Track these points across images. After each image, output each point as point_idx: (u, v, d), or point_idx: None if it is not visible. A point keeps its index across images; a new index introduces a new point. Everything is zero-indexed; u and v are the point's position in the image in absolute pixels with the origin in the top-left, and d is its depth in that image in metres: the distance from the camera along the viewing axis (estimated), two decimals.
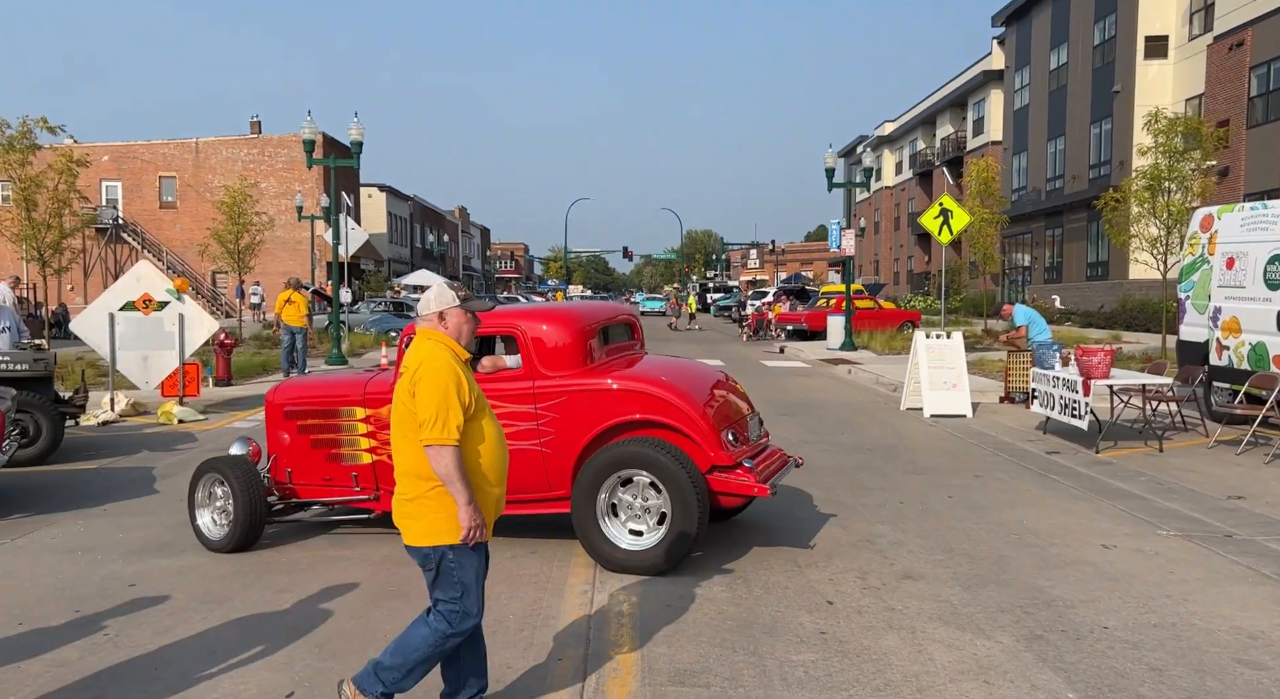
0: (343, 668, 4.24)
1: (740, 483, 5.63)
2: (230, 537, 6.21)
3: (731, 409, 6.19)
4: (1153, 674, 4.19)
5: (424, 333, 3.57)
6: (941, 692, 4.00)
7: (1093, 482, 8.29)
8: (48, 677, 4.20)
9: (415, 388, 3.41)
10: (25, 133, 15.77)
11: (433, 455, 3.36)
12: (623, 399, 5.82)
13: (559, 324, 6.07)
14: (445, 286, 3.67)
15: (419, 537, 3.47)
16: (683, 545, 5.51)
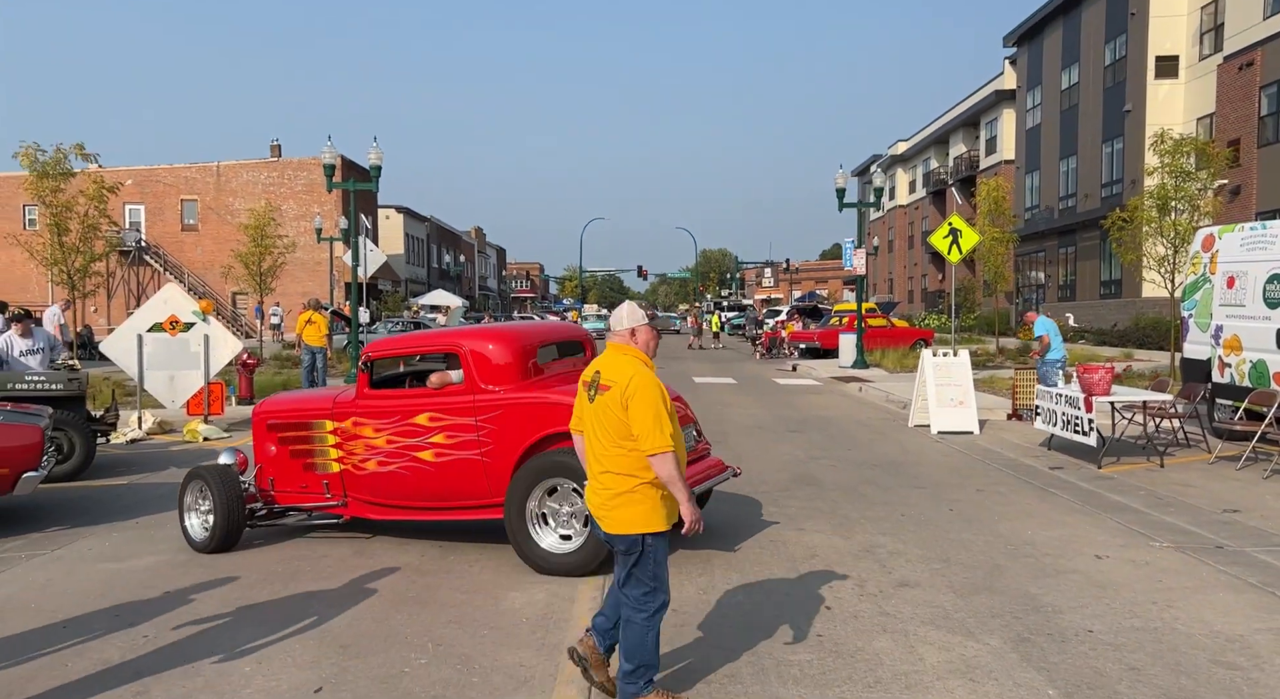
0: (366, 667, 4.53)
1: None
2: (211, 538, 6.74)
3: None
4: (1130, 673, 4.42)
5: (619, 348, 4.04)
6: (929, 689, 4.25)
7: (1092, 495, 8.49)
8: (94, 673, 4.51)
9: (628, 401, 3.84)
10: (60, 159, 16.34)
11: (657, 462, 3.80)
12: (555, 412, 6.20)
13: (498, 342, 6.55)
14: (636, 306, 4.17)
15: (623, 526, 3.89)
16: (603, 547, 5.75)
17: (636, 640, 3.92)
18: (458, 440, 6.41)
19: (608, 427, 3.91)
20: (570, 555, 5.98)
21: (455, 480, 6.50)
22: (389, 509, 6.85)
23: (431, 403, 6.58)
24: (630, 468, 3.87)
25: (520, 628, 5.06)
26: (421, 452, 6.57)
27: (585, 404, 4.10)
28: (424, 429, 6.56)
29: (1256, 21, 27.43)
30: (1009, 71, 46.52)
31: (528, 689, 4.26)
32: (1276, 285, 10.48)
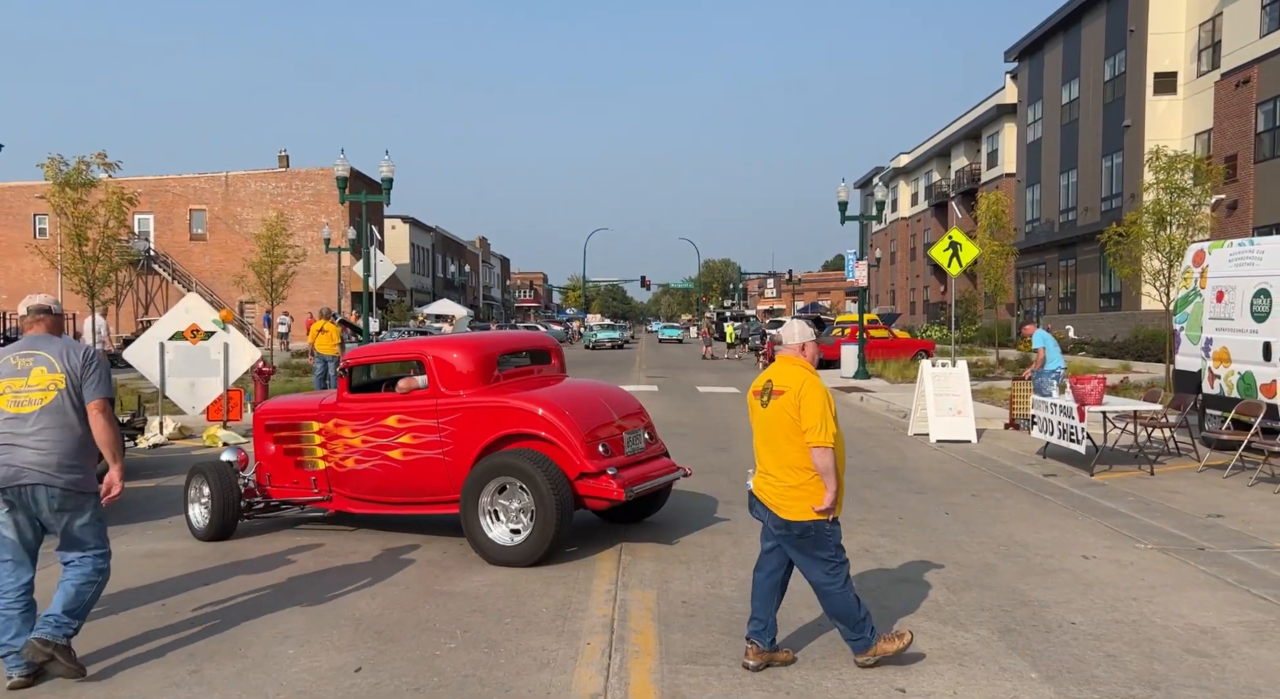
0: (401, 650, 4.90)
1: (602, 487, 6.54)
2: (209, 526, 7.36)
3: (610, 424, 7.04)
4: (1108, 659, 4.78)
5: (789, 359, 4.69)
6: (920, 671, 4.61)
7: (1083, 501, 8.84)
8: (148, 654, 4.89)
9: (800, 403, 4.46)
10: (81, 170, 16.75)
11: (817, 454, 4.43)
12: (509, 415, 6.77)
13: (459, 350, 7.14)
14: (805, 325, 4.81)
15: (801, 513, 4.50)
16: (544, 541, 6.35)
17: (841, 605, 4.56)
18: (422, 441, 6.99)
19: (783, 426, 4.53)
20: (516, 548, 6.47)
21: (421, 477, 7.05)
22: (366, 504, 7.41)
23: (399, 406, 7.17)
24: (802, 462, 4.49)
25: (540, 617, 5.43)
26: (391, 451, 7.13)
27: (757, 410, 4.71)
28: (393, 430, 7.12)
29: (1253, 39, 27.87)
30: (1010, 86, 47.02)
31: (550, 670, 4.63)
32: (1263, 299, 10.85)
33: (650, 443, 7.50)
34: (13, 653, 4.45)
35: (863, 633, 4.56)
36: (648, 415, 7.65)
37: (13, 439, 4.48)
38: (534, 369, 7.81)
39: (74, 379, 4.61)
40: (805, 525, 4.49)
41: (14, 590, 4.52)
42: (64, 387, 4.58)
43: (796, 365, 4.63)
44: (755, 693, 4.34)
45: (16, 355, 4.64)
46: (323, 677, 4.57)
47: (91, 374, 4.65)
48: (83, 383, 4.62)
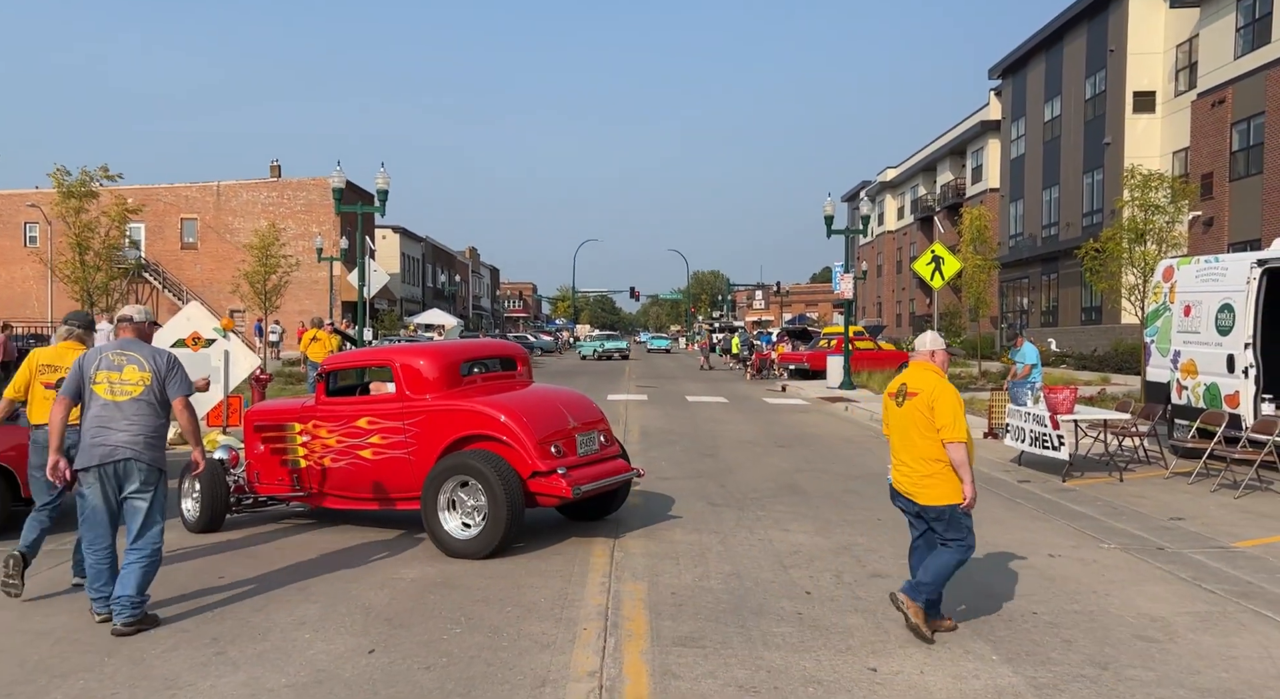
0: (410, 634, 5.27)
1: (553, 485, 7.01)
2: (199, 520, 7.97)
3: (564, 427, 7.49)
4: (1063, 644, 5.19)
5: (922, 364, 5.37)
6: (892, 655, 5.01)
7: (1054, 505, 9.28)
8: (176, 639, 5.24)
9: (933, 403, 5.12)
10: (84, 181, 17.11)
11: (953, 449, 5.10)
12: (468, 418, 7.27)
13: (424, 358, 7.65)
14: (937, 335, 5.51)
15: (936, 499, 5.20)
16: (497, 534, 6.81)
17: (937, 572, 5.20)
18: (390, 441, 7.52)
19: (916, 423, 5.19)
20: (470, 542, 6.95)
21: (389, 475, 7.57)
22: (342, 500, 7.94)
23: (369, 409, 7.72)
24: (933, 454, 5.15)
25: (540, 606, 5.80)
26: (363, 450, 7.67)
27: (893, 409, 5.39)
28: (364, 431, 7.66)
29: (1228, 61, 28.62)
30: (994, 103, 47.82)
31: (550, 651, 5.00)
32: (1227, 314, 11.35)
33: (605, 446, 7.94)
34: (101, 597, 5.50)
35: (919, 597, 5.15)
36: (605, 420, 8.14)
37: (107, 422, 5.46)
38: (500, 375, 8.32)
39: (159, 378, 5.59)
40: (940, 509, 5.20)
41: (104, 549, 5.54)
42: (150, 383, 5.56)
43: (929, 370, 5.32)
44: (739, 671, 4.73)
45: (114, 353, 5.62)
46: (339, 657, 4.93)
47: (174, 376, 5.66)
48: (166, 382, 5.61)
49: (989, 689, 4.54)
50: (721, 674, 4.68)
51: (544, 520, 8.26)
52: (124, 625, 5.33)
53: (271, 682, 4.60)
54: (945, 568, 5.19)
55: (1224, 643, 5.23)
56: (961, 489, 5.15)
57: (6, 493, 7.67)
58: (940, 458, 5.13)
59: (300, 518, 8.59)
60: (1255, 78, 27.15)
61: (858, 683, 4.60)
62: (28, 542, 6.09)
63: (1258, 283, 10.98)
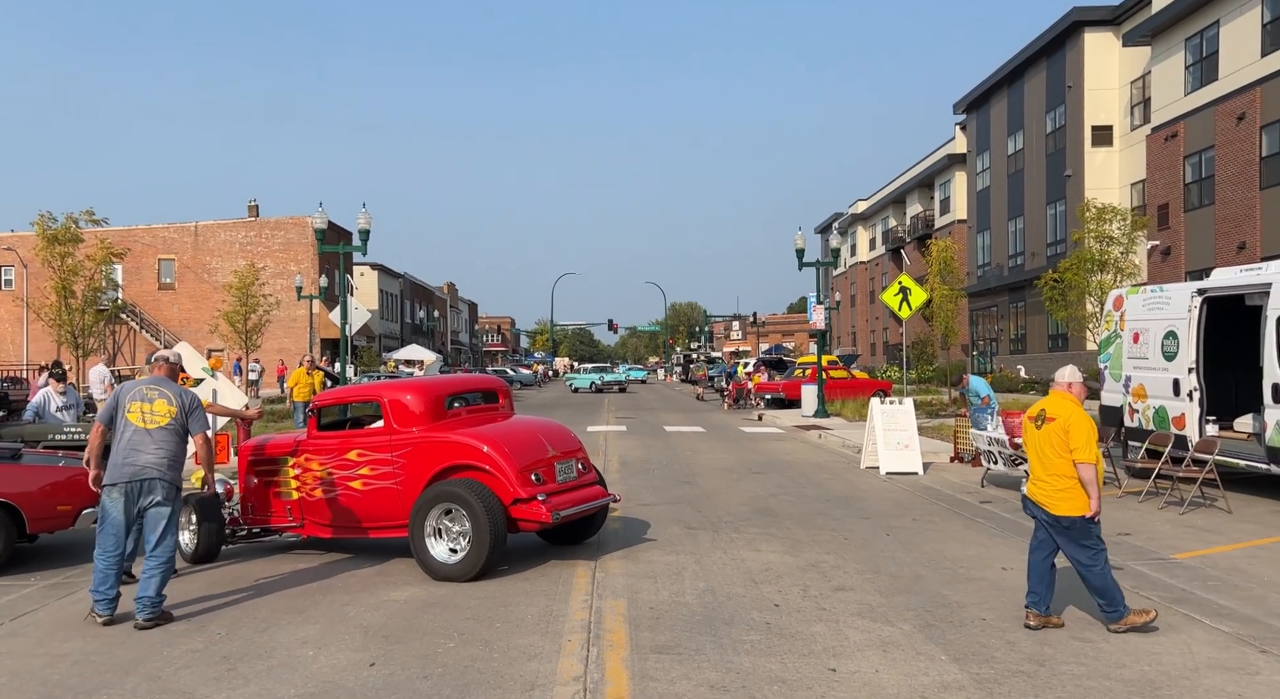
0: (407, 649, 5.68)
1: (533, 511, 7.45)
2: (196, 550, 8.38)
3: (543, 455, 7.93)
4: (1007, 645, 5.69)
5: (1060, 394, 6.21)
6: (850, 656, 5.48)
7: (1011, 523, 9.81)
8: (188, 659, 5.61)
9: (1068, 428, 5.93)
10: (68, 227, 17.46)
11: (1084, 468, 5.90)
12: (453, 449, 7.70)
13: (410, 392, 8.10)
14: (1075, 369, 6.33)
15: (1067, 510, 5.96)
16: (480, 558, 7.24)
17: (1101, 582, 5.89)
18: (379, 472, 7.95)
19: (1052, 445, 5.99)
20: (455, 565, 7.38)
21: (378, 505, 7.98)
22: (333, 529, 8.32)
23: (359, 442, 8.15)
24: (1066, 471, 5.96)
25: (526, 622, 6.23)
26: (353, 481, 8.08)
27: (1032, 432, 6.21)
28: (354, 463, 8.08)
29: (1179, 96, 29.87)
30: (960, 136, 49.22)
31: (538, 660, 5.43)
32: (1172, 341, 12.03)
33: (584, 473, 8.35)
34: (106, 600, 6.31)
35: (1117, 606, 5.84)
36: (583, 449, 8.55)
37: (139, 446, 6.43)
38: (482, 408, 8.78)
39: (184, 413, 6.62)
40: (1071, 519, 5.93)
41: (114, 555, 6.36)
42: (176, 415, 6.57)
43: (1066, 399, 6.14)
44: (710, 673, 5.18)
45: (147, 387, 6.63)
46: (342, 670, 5.33)
47: (195, 414, 6.70)
48: (189, 418, 6.65)
49: (935, 684, 5.02)
50: (695, 677, 5.13)
51: (527, 546, 8.69)
52: (145, 620, 6.24)
53: (281, 692, 5.00)
54: (1104, 580, 5.92)
55: (1151, 641, 5.74)
56: (1089, 503, 5.95)
57: (13, 529, 7.98)
58: (1072, 475, 5.94)
59: (293, 548, 8.96)
60: (1205, 113, 28.35)
61: (818, 681, 5.06)
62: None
63: (1198, 311, 11.67)
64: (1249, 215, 26.34)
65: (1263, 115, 25.71)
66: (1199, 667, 5.30)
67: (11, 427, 11.17)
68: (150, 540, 6.41)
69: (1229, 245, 26.85)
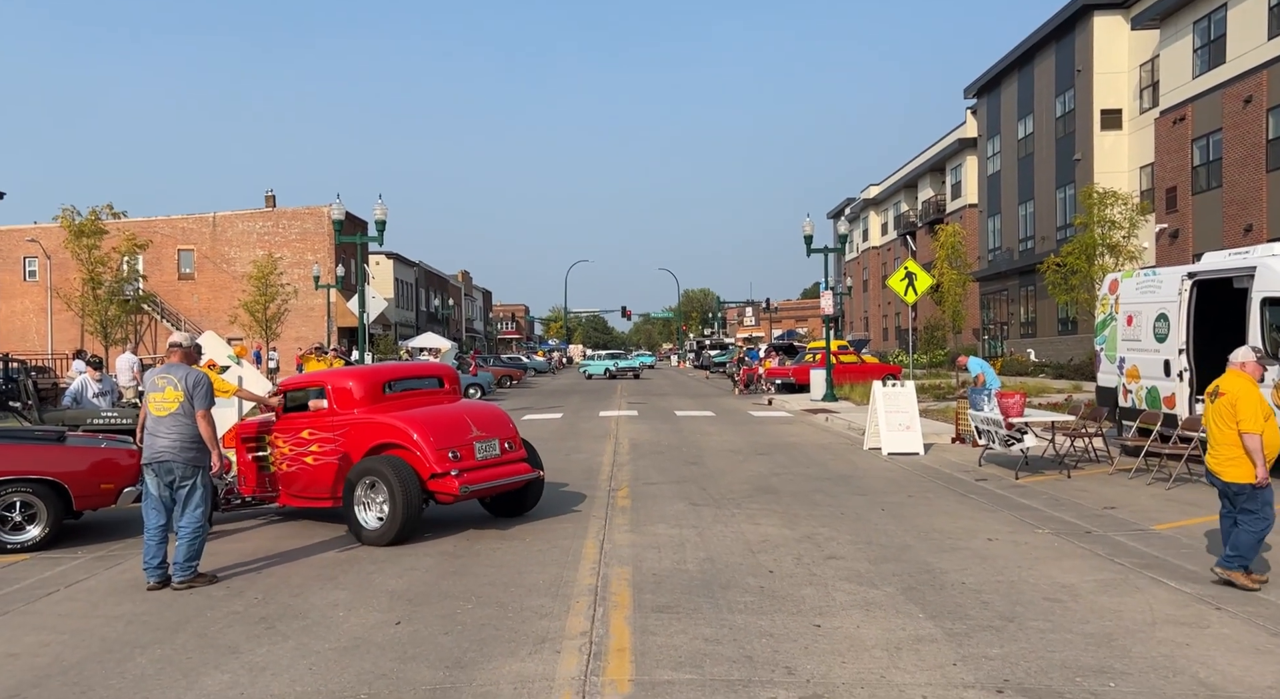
0: (430, 610, 6.20)
1: (446, 485, 8.24)
2: None
3: (464, 436, 8.66)
4: (981, 605, 6.16)
5: (1234, 372, 6.79)
6: (835, 615, 5.96)
7: (1002, 499, 10.26)
8: (230, 619, 6.17)
9: (1236, 402, 6.51)
10: (93, 219, 18.04)
11: (1248, 438, 6.45)
12: (381, 429, 8.60)
13: (351, 379, 9.03)
14: (1249, 350, 6.95)
15: (1236, 477, 6.53)
16: (396, 524, 8.08)
17: (1247, 541, 6.46)
18: (325, 449, 8.88)
19: (1224, 417, 6.59)
20: (378, 530, 8.24)
21: (324, 478, 8.89)
22: (297, 499, 9.25)
23: (310, 423, 9.07)
24: (1234, 441, 6.54)
25: (538, 587, 6.75)
26: (306, 457, 9.03)
27: (1208, 406, 6.80)
28: (306, 441, 9.03)
29: (1187, 80, 29.95)
30: (970, 121, 49.22)
31: (548, 619, 5.95)
32: (1163, 323, 12.40)
33: (510, 451, 9.06)
34: (150, 568, 6.96)
35: (1238, 559, 6.42)
36: (511, 429, 9.26)
37: (155, 431, 7.04)
38: (425, 392, 9.53)
39: (189, 396, 7.07)
40: (1239, 485, 6.50)
41: (155, 528, 7.03)
42: (182, 399, 7.05)
43: (1239, 377, 6.72)
44: (705, 629, 5.68)
45: (159, 377, 7.19)
46: (372, 628, 5.87)
47: (198, 392, 7.11)
48: (193, 398, 7.08)
49: (911, 638, 5.50)
50: (691, 631, 5.63)
51: (540, 522, 9.22)
52: (179, 582, 6.94)
53: (317, 646, 5.53)
54: (1249, 540, 6.43)
55: (1117, 601, 6.20)
56: (1255, 471, 6.44)
57: (60, 506, 8.56)
58: (1239, 445, 6.51)
59: (319, 523, 9.49)
60: (1212, 96, 28.45)
61: (803, 635, 5.55)
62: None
63: (1189, 294, 12.04)
64: (1255, 198, 26.49)
65: (1269, 98, 25.82)
66: (1156, 621, 5.75)
67: (53, 412, 11.79)
68: (176, 513, 7.06)
69: (1236, 228, 27.01)
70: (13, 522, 8.44)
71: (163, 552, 7.05)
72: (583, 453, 15.15)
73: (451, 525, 9.16)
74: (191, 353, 7.42)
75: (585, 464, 13.72)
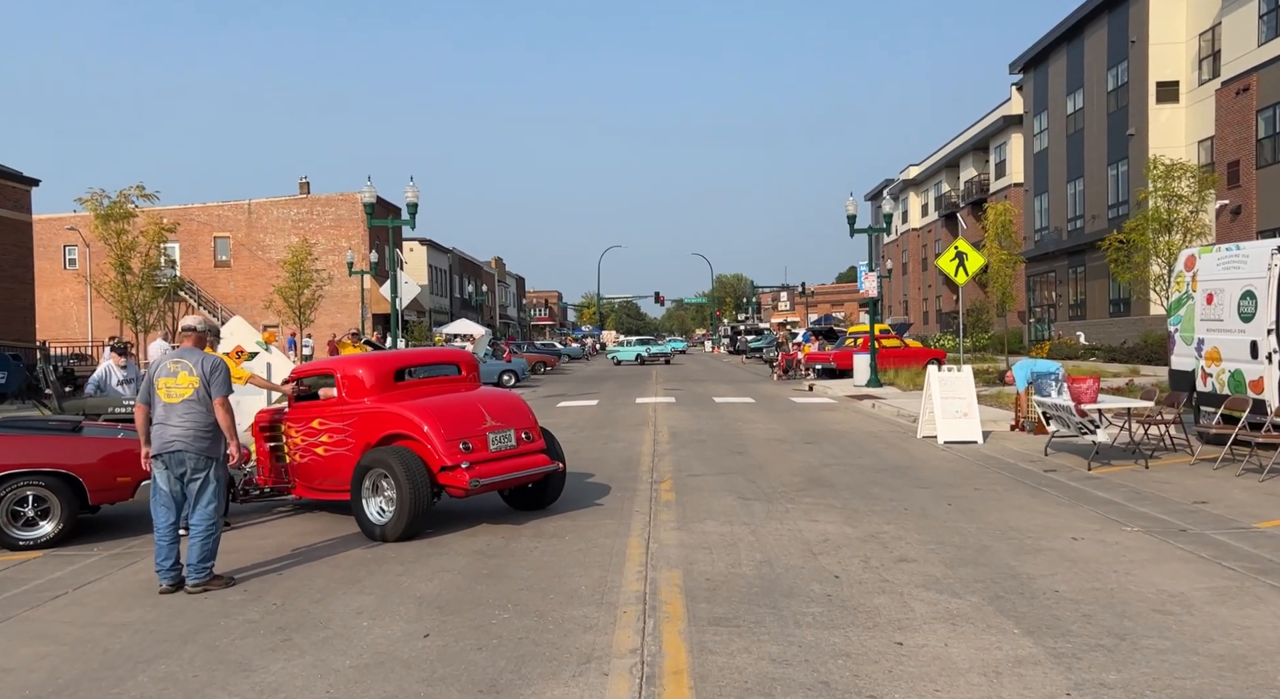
0: (461, 620, 5.60)
1: (456, 478, 7.79)
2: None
3: (477, 426, 8.18)
4: (1083, 618, 5.42)
5: None
6: (918, 630, 5.27)
7: (1079, 492, 9.46)
8: (245, 628, 5.62)
9: None
10: (120, 203, 17.71)
11: None
12: (391, 419, 8.13)
13: (362, 367, 8.59)
14: None
15: None
16: (403, 518, 7.63)
17: None
18: (335, 439, 8.47)
19: None
20: (385, 524, 7.78)
21: (335, 468, 8.46)
22: (312, 491, 8.84)
23: (320, 412, 8.67)
24: None
25: (580, 593, 6.12)
26: (317, 447, 8.62)
27: None
28: (317, 431, 8.62)
29: (1252, 48, 28.47)
30: (1016, 97, 47.69)
31: (594, 632, 5.32)
32: (1249, 301, 11.45)
33: (526, 442, 8.52)
34: (163, 570, 6.43)
35: None
36: (529, 419, 8.71)
37: (164, 419, 6.48)
38: (441, 379, 9.12)
39: (204, 382, 6.53)
40: None
41: (165, 527, 6.46)
42: (198, 385, 6.51)
43: None
44: (771, 646, 5.01)
45: (171, 361, 6.61)
46: (397, 641, 5.28)
47: (216, 379, 6.57)
48: (210, 384, 6.53)
49: (1009, 659, 4.79)
50: (755, 650, 4.97)
51: (578, 518, 8.61)
52: (193, 586, 6.39)
53: (337, 663, 4.95)
54: None
55: (1240, 614, 5.43)
56: None
57: (75, 501, 8.10)
58: None
59: (341, 516, 8.94)
60: (1278, 65, 26.99)
61: (885, 655, 4.87)
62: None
63: (1279, 270, 11.07)
64: None
65: None
66: None
67: (74, 400, 11.39)
68: (189, 509, 6.53)
69: None
70: (25, 517, 8.00)
71: (175, 552, 6.52)
72: (620, 442, 14.53)
73: (484, 520, 8.58)
74: (205, 337, 6.89)
75: (624, 454, 13.09)
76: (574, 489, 10.10)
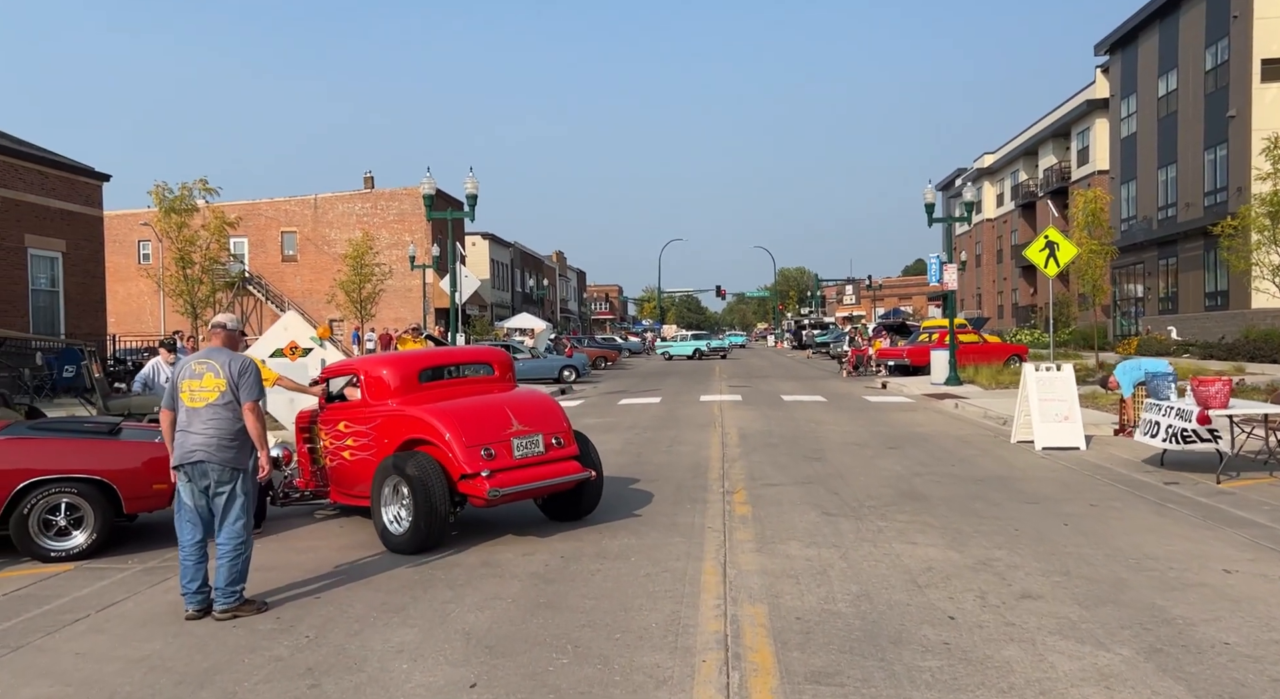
0: (514, 665, 4.82)
1: (476, 487, 7.25)
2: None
3: (501, 432, 7.61)
4: (1275, 684, 4.39)
5: None
6: (1064, 695, 4.31)
7: (1213, 510, 8.30)
8: (270, 668, 4.92)
9: None
10: (184, 196, 17.49)
11: None
12: (412, 423, 7.67)
13: (386, 367, 8.16)
14: None
15: None
16: (420, 529, 7.16)
17: None
18: (359, 443, 8.09)
19: None
20: (402, 535, 7.32)
21: (361, 473, 8.01)
22: (344, 497, 8.47)
23: (346, 414, 8.29)
24: None
25: (650, 633, 5.29)
26: (344, 451, 8.26)
27: None
28: (343, 434, 8.25)
29: None
30: (1101, 80, 45.32)
31: (668, 688, 4.48)
32: None
33: (557, 448, 7.89)
34: (189, 593, 5.79)
35: None
36: (562, 423, 8.04)
37: (186, 426, 5.85)
38: (472, 380, 8.75)
39: (233, 384, 5.86)
40: None
41: (190, 545, 5.84)
42: (225, 388, 5.85)
43: None
44: None
45: (196, 362, 5.98)
46: (439, 692, 4.52)
47: (246, 381, 5.89)
48: (239, 387, 5.86)
49: None
50: None
51: (645, 537, 7.79)
52: (220, 611, 5.78)
53: None
54: None
55: None
56: None
57: (109, 509, 7.58)
58: None
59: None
60: None
61: None
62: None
63: None
64: None
65: None
66: None
67: (119, 399, 10.99)
68: (215, 527, 5.92)
69: None
70: (58, 526, 7.49)
71: (202, 572, 5.87)
72: (686, 445, 13.67)
73: (541, 534, 7.80)
74: (235, 336, 6.23)
75: (691, 458, 12.23)
76: (638, 499, 9.29)
